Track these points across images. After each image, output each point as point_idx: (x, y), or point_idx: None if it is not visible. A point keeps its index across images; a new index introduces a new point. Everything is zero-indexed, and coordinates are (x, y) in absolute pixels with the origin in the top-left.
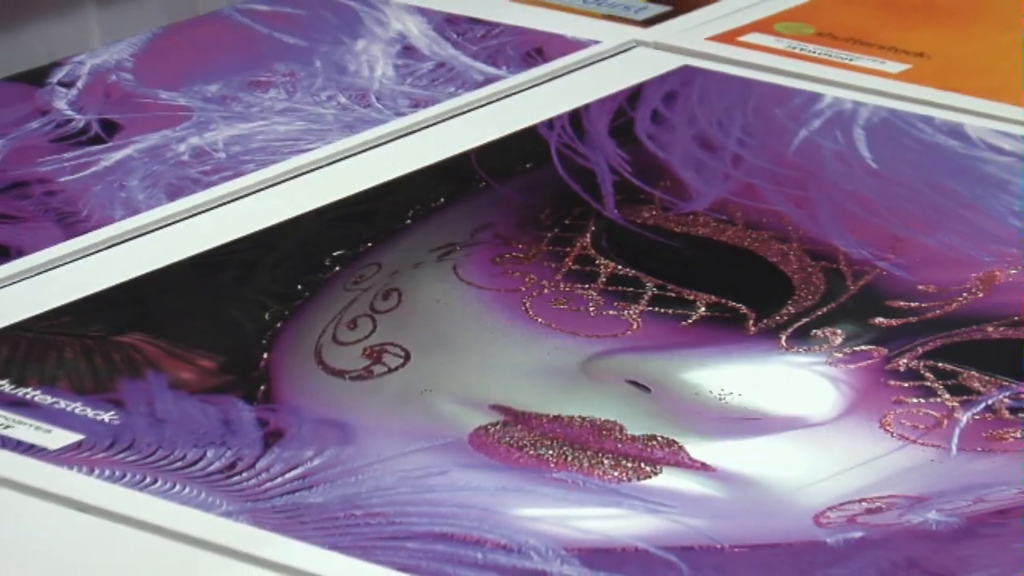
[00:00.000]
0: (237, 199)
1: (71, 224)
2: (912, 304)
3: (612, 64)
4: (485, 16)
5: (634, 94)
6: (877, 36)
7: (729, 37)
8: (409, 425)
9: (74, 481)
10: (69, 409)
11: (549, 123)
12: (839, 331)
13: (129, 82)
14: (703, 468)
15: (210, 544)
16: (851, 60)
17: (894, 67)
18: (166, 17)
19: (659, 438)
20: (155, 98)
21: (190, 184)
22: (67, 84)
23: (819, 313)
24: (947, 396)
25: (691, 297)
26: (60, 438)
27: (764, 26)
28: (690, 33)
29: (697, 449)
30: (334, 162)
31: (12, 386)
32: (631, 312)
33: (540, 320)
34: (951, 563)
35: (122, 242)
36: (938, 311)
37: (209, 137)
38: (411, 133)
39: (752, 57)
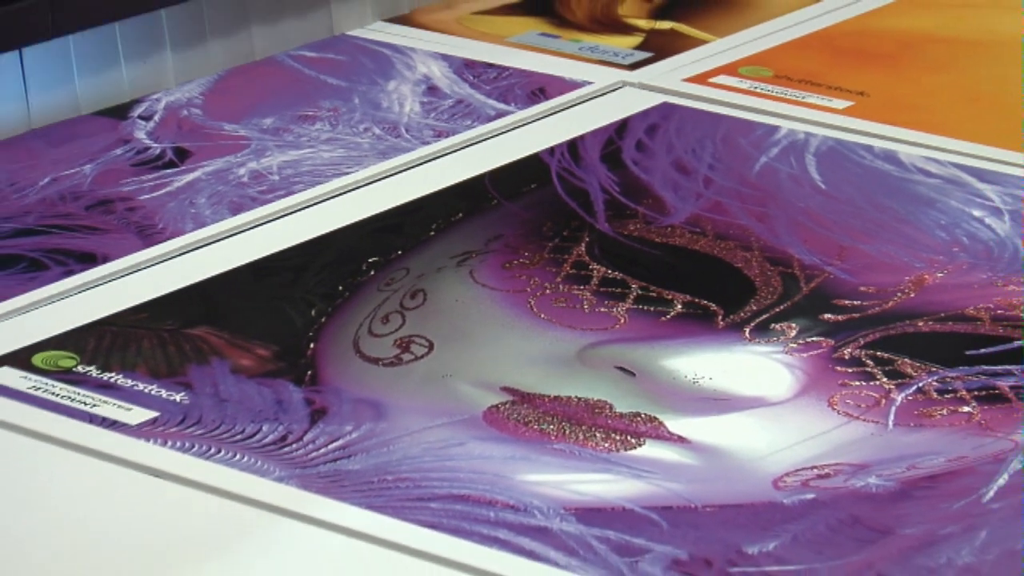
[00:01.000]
0: (288, 214)
1: (149, 235)
2: (855, 303)
3: (603, 101)
4: (497, 61)
5: (621, 126)
6: (825, 78)
7: (701, 79)
8: (432, 404)
9: (150, 451)
10: (146, 391)
11: (550, 151)
12: (794, 325)
13: (198, 116)
14: (680, 440)
15: (265, 504)
16: (803, 98)
17: (839, 104)
18: (229, 61)
19: (642, 415)
20: (219, 129)
21: (249, 202)
22: (146, 118)
23: (777, 310)
24: (885, 380)
25: (669, 297)
26: (139, 415)
27: (731, 69)
28: (669, 75)
29: (675, 424)
30: (369, 183)
31: (98, 371)
32: (619, 309)
33: (543, 316)
34: (889, 520)
35: (192, 250)
36: (877, 308)
37: (265, 162)
38: (434, 159)
39: (720, 95)
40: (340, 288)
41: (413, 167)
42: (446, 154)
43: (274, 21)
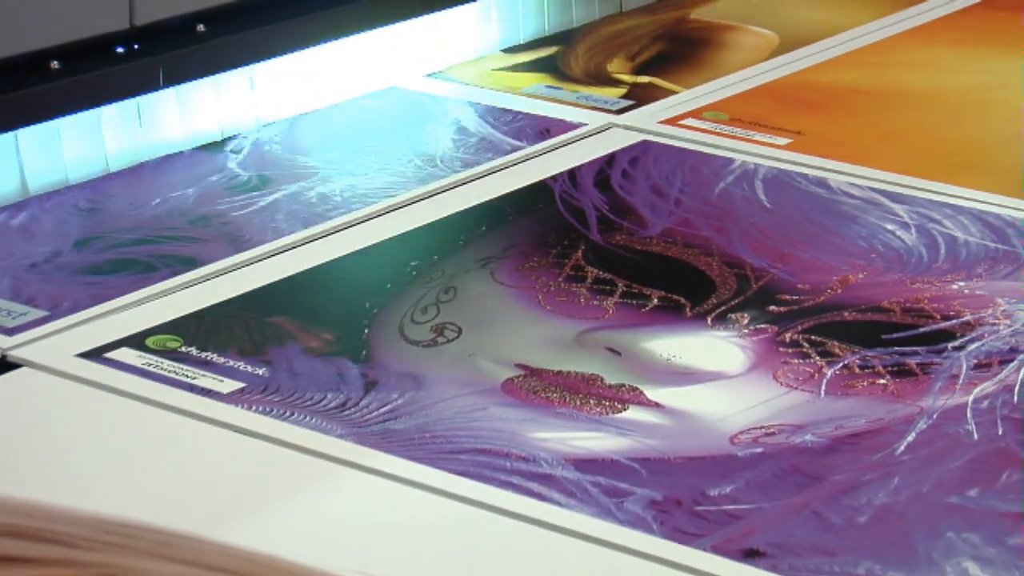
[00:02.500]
0: (348, 228)
1: (238, 244)
2: (794, 297)
3: (595, 139)
4: (512, 108)
5: (610, 158)
6: (770, 120)
7: (673, 121)
8: (461, 377)
9: (238, 414)
10: (235, 366)
11: (553, 177)
12: (745, 315)
13: (278, 150)
14: (656, 406)
15: (329, 456)
16: (753, 136)
17: (782, 141)
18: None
19: (626, 386)
20: (294, 161)
21: (317, 218)
22: (236, 151)
23: (732, 303)
24: (817, 358)
25: (648, 293)
26: (229, 386)
27: (696, 114)
28: (647, 118)
29: (652, 393)
30: (412, 203)
31: (197, 351)
32: (608, 302)
33: (548, 308)
34: (821, 469)
35: (272, 256)
36: (811, 302)
37: (330, 187)
38: (463, 184)
39: (688, 135)
40: (388, 286)
41: (446, 191)
42: (472, 180)
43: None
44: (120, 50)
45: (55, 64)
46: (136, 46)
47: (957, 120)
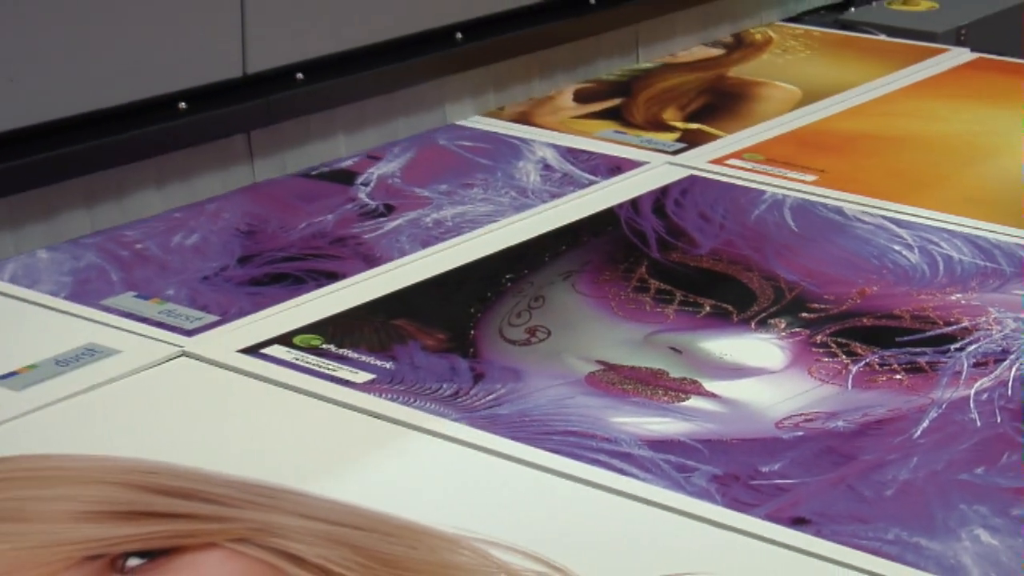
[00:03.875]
0: (456, 247)
1: (369, 260)
2: (822, 306)
3: (654, 173)
4: (587, 149)
5: (665, 190)
6: (798, 161)
7: (719, 160)
8: (551, 371)
9: (370, 400)
10: (367, 360)
11: (619, 206)
12: (782, 321)
13: (399, 182)
14: (713, 396)
15: (445, 436)
16: (785, 174)
17: (809, 177)
18: (415, 149)
19: (687, 379)
20: (413, 192)
21: (433, 239)
22: (365, 184)
23: (771, 311)
24: (844, 357)
25: (701, 301)
26: (362, 377)
27: (738, 155)
28: (696, 158)
29: (709, 385)
30: (508, 227)
31: (336, 348)
32: (668, 310)
33: (620, 314)
34: (852, 450)
35: (396, 270)
36: (836, 310)
37: (443, 214)
38: (548, 211)
39: (730, 172)
40: (489, 295)
41: (535, 216)
42: (555, 208)
43: (415, 112)
44: (234, 93)
45: (183, 105)
46: (247, 90)
47: (950, 160)
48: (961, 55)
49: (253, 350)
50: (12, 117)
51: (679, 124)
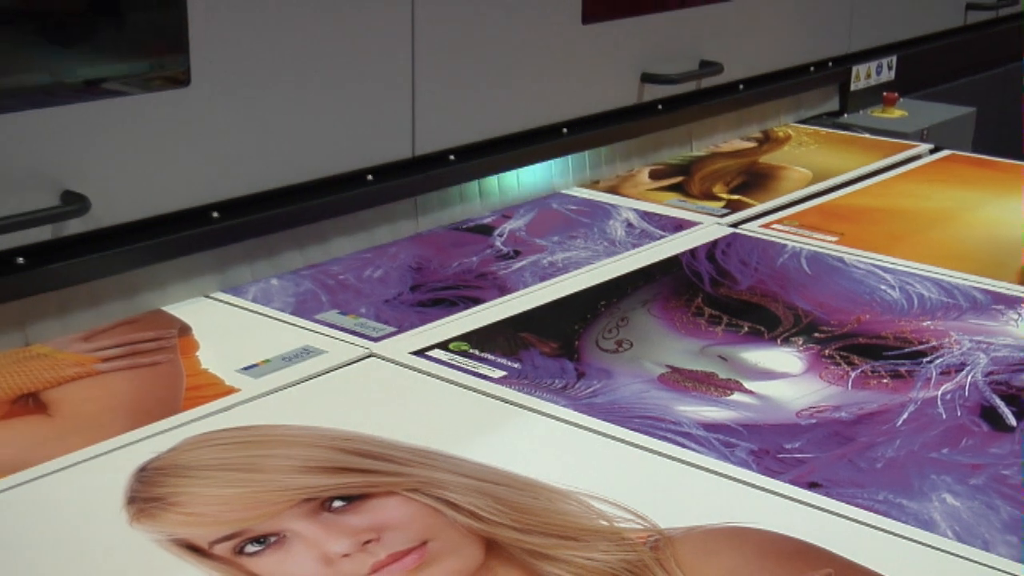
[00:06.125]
0: (565, 281)
1: (503, 290)
2: (829, 329)
3: (706, 231)
4: (659, 212)
5: (715, 243)
6: (822, 226)
7: (763, 225)
8: (634, 372)
9: (504, 391)
10: (500, 361)
11: (682, 253)
12: (800, 339)
13: (524, 234)
14: (751, 393)
15: (558, 417)
16: (811, 235)
17: (832, 238)
18: (536, 211)
19: (732, 380)
20: (534, 241)
21: (548, 275)
22: (500, 235)
23: (792, 332)
24: (845, 365)
25: (741, 324)
26: (497, 373)
27: (777, 221)
28: (738, 220)
29: (748, 385)
30: (601, 267)
31: (478, 352)
32: (718, 329)
33: (682, 331)
34: (852, 434)
35: (522, 296)
36: (839, 332)
37: (555, 257)
38: (631, 256)
39: (763, 231)
40: (587, 315)
41: (621, 260)
42: (635, 255)
43: (533, 183)
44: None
45: (370, 177)
46: (415, 167)
47: (934, 229)
48: (925, 148)
49: (421, 352)
50: (254, 183)
51: (725, 195)
